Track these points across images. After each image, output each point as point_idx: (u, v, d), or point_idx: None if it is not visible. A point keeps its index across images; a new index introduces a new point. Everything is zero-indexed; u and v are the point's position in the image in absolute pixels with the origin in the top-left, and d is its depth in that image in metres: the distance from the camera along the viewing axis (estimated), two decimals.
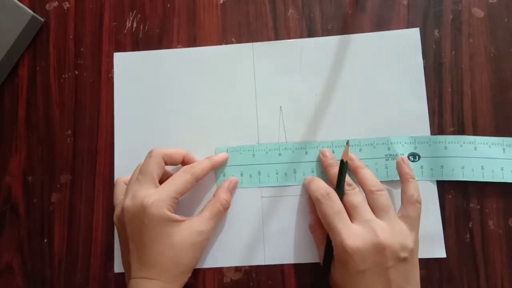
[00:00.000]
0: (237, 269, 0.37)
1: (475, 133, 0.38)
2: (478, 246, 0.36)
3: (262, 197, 0.38)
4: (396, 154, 0.37)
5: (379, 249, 0.30)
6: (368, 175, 0.35)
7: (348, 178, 0.35)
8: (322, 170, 0.37)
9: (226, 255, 0.37)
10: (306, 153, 0.38)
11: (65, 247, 0.38)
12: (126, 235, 0.32)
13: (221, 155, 0.38)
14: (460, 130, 0.38)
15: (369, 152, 0.37)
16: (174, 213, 0.33)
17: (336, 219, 0.32)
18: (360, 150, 0.38)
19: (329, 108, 0.39)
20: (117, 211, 0.34)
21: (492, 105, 0.38)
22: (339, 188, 0.34)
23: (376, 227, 0.31)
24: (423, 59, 0.39)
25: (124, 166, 0.39)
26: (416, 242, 0.33)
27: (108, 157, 0.39)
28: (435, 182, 0.37)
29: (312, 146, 0.38)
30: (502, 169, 0.37)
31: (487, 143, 0.37)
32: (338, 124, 0.38)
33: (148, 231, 0.31)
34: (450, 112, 0.38)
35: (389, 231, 0.31)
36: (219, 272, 0.37)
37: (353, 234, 0.31)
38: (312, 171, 0.38)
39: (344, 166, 0.35)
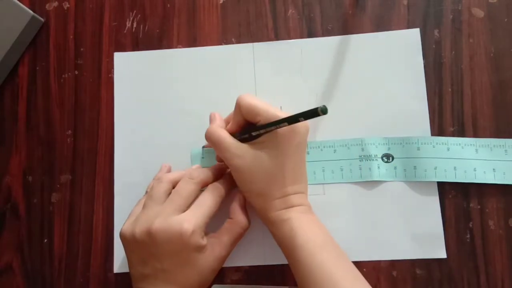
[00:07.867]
0: (237, 269, 0.37)
1: (475, 133, 0.38)
2: (479, 246, 0.36)
3: None
4: (370, 155, 0.37)
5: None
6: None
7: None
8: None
9: None
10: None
11: (65, 247, 0.38)
12: (146, 253, 0.31)
13: None
14: (460, 130, 0.38)
15: (344, 153, 0.37)
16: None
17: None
18: (335, 151, 0.38)
19: (329, 108, 0.38)
20: (133, 227, 0.32)
21: (492, 105, 0.38)
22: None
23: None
24: (423, 59, 0.39)
25: (124, 166, 0.39)
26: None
27: (108, 157, 0.39)
28: (436, 183, 0.37)
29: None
30: (474, 169, 0.36)
31: (460, 144, 0.37)
32: (338, 124, 0.38)
33: (181, 257, 0.31)
34: (450, 112, 0.38)
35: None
36: (219, 272, 0.37)
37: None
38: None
39: None
